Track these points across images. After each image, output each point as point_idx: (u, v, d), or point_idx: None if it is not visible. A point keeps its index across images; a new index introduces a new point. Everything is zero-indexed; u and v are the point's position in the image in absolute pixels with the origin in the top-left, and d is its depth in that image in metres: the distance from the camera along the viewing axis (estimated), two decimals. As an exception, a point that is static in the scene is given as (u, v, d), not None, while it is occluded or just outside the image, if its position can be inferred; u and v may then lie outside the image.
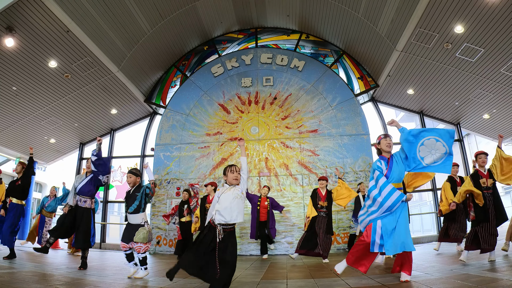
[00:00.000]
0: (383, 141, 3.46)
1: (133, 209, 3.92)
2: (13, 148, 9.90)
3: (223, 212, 3.02)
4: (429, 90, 8.80)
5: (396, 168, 3.35)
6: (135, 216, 3.93)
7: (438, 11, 6.36)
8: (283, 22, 9.86)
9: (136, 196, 3.98)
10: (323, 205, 5.64)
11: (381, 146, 3.48)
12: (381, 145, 3.47)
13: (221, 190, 3.20)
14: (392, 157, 3.42)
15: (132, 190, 4.04)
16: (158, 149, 9.08)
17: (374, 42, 8.34)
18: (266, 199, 7.00)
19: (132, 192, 4.03)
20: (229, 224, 3.00)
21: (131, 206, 3.93)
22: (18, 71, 7.19)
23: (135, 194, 4.00)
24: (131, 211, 3.91)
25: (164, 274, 4.16)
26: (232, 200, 3.05)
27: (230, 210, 3.02)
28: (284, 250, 7.84)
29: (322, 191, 5.77)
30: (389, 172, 3.34)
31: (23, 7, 5.90)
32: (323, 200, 5.66)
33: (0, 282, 3.04)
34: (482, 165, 4.41)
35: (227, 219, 3.00)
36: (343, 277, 3.59)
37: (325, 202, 5.64)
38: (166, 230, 8.33)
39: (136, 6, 7.52)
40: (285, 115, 9.00)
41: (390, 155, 3.45)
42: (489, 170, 4.37)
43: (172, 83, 9.98)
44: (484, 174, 4.35)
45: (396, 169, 3.34)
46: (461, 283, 2.67)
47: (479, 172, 4.39)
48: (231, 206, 3.03)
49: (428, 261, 4.44)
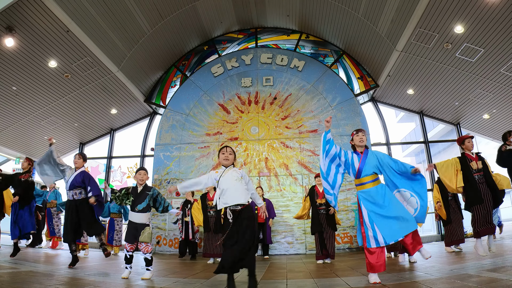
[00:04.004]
0: (356, 137, 3.50)
1: (142, 207, 3.87)
2: (13, 148, 9.89)
3: (225, 195, 3.03)
4: (429, 90, 8.81)
5: (370, 161, 3.37)
6: (142, 215, 3.88)
7: (438, 11, 6.36)
8: (283, 22, 9.86)
9: (147, 195, 3.93)
10: (321, 202, 5.58)
11: (354, 142, 3.52)
12: (354, 141, 3.51)
13: (219, 173, 3.20)
14: (366, 151, 3.45)
15: (141, 189, 3.99)
16: (158, 149, 9.08)
17: (374, 42, 8.34)
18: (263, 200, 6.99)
19: (141, 191, 3.97)
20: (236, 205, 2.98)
21: (140, 204, 3.88)
22: (18, 71, 7.19)
23: (145, 193, 3.94)
24: (140, 209, 3.86)
25: (164, 274, 4.18)
26: (231, 182, 3.07)
27: (231, 192, 3.03)
28: (284, 250, 7.84)
29: (319, 188, 5.69)
30: (362, 165, 3.36)
31: (23, 7, 5.90)
32: (321, 197, 5.59)
33: (0, 282, 3.04)
34: (471, 149, 4.30)
35: (229, 201, 3.00)
36: (343, 277, 3.59)
37: (323, 199, 5.56)
38: (166, 230, 8.33)
39: (136, 6, 7.52)
40: (285, 115, 9.00)
41: (364, 149, 3.47)
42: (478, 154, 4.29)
43: (172, 83, 9.99)
44: (473, 157, 4.23)
45: (370, 161, 3.36)
46: (461, 283, 2.67)
47: (467, 156, 4.26)
48: (231, 188, 3.04)
49: (428, 261, 4.44)
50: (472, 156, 4.24)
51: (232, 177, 3.11)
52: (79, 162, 4.57)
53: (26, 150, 10.08)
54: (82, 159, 4.61)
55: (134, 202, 3.90)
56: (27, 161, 5.60)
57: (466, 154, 4.28)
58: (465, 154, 4.29)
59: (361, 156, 3.41)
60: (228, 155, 3.22)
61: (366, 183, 3.32)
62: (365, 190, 3.31)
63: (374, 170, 3.35)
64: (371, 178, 3.33)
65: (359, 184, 3.38)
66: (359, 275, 3.68)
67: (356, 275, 3.72)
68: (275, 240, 7.89)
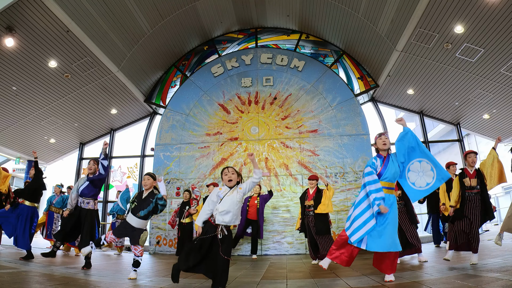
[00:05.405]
0: (379, 140, 3.49)
1: (144, 214, 3.78)
2: (13, 148, 9.90)
3: (225, 215, 3.14)
4: (429, 90, 8.81)
5: (392, 167, 3.34)
6: (143, 222, 3.82)
7: (438, 11, 6.36)
8: (283, 22, 9.86)
9: (151, 201, 3.82)
10: (309, 204, 5.53)
11: (377, 145, 3.50)
12: (377, 144, 3.50)
13: (223, 191, 3.27)
14: (389, 156, 3.42)
15: (146, 195, 3.88)
16: (158, 149, 9.08)
17: (374, 42, 8.34)
18: (257, 197, 6.99)
19: (146, 197, 3.86)
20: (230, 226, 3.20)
21: (142, 210, 3.78)
22: (18, 71, 7.19)
23: (149, 199, 3.83)
24: (142, 215, 3.77)
25: (164, 274, 4.17)
26: (234, 205, 3.18)
27: (231, 215, 3.14)
28: (284, 250, 7.84)
29: (310, 190, 5.67)
30: (384, 169, 3.33)
31: (23, 7, 5.90)
32: (310, 199, 5.55)
33: (0, 282, 3.04)
34: (472, 165, 4.35)
35: (227, 221, 3.14)
36: (343, 277, 3.59)
37: (311, 201, 5.52)
38: (166, 230, 8.33)
39: (136, 6, 7.52)
40: (285, 115, 9.00)
41: (387, 153, 3.45)
42: (478, 170, 4.33)
43: (172, 83, 9.99)
44: (470, 173, 4.29)
45: (391, 167, 3.33)
46: (461, 283, 2.67)
47: (465, 171, 4.34)
48: (233, 211, 3.15)
49: (428, 261, 4.44)
50: (469, 173, 4.33)
51: (235, 200, 3.19)
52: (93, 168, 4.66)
53: (26, 150, 10.08)
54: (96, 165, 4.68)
55: (137, 207, 3.81)
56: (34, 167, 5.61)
57: (465, 170, 4.38)
58: (464, 170, 4.38)
59: (384, 160, 3.40)
60: (231, 175, 3.26)
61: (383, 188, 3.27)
62: None
63: (395, 176, 3.35)
64: (388, 185, 3.32)
65: None
66: (359, 275, 3.69)
67: (356, 275, 3.72)
68: (275, 240, 7.89)
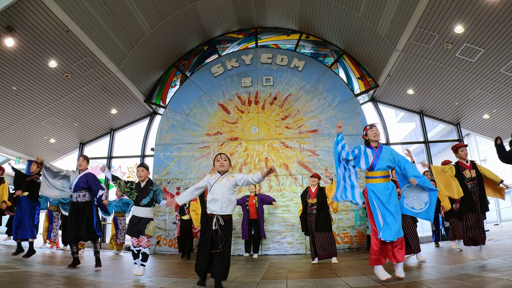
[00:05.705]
0: (370, 132, 3.48)
1: (147, 201, 3.96)
2: (13, 148, 9.89)
3: (214, 204, 3.12)
4: (429, 90, 8.81)
5: (385, 155, 3.35)
6: (147, 209, 3.96)
7: (438, 11, 6.36)
8: (283, 22, 9.86)
9: (150, 190, 4.02)
10: (312, 202, 5.52)
11: (368, 137, 3.50)
12: (368, 136, 3.49)
13: (214, 178, 3.26)
14: (381, 147, 3.43)
15: (144, 184, 4.07)
16: (158, 149, 9.08)
17: (374, 42, 8.34)
18: (254, 196, 6.99)
19: (144, 186, 4.06)
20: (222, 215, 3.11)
21: (144, 198, 3.96)
22: (18, 71, 7.19)
23: (148, 188, 4.03)
24: (145, 203, 3.95)
25: (164, 274, 4.17)
26: (223, 192, 3.15)
27: (220, 203, 3.11)
28: (284, 250, 7.84)
29: (312, 188, 5.65)
30: (376, 159, 3.35)
31: (23, 7, 5.90)
32: (313, 197, 5.54)
33: (0, 282, 3.04)
34: (465, 157, 4.34)
35: (216, 210, 3.11)
36: (343, 277, 3.59)
37: (314, 199, 5.50)
38: (166, 230, 8.33)
39: (136, 6, 7.52)
40: (285, 115, 9.00)
41: (378, 144, 3.46)
42: (472, 162, 4.32)
43: (172, 83, 9.99)
44: (466, 165, 4.27)
45: (385, 156, 3.35)
46: (461, 283, 2.67)
47: (461, 164, 4.30)
48: (221, 199, 3.12)
49: (428, 261, 4.44)
50: (465, 165, 4.29)
51: (225, 187, 3.17)
52: (83, 164, 4.62)
53: (26, 150, 10.08)
54: (86, 161, 4.68)
55: (139, 197, 3.99)
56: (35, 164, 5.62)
57: (460, 163, 4.34)
58: (459, 163, 4.34)
59: (376, 150, 3.40)
60: (223, 162, 3.29)
61: (378, 177, 3.33)
62: (375, 184, 3.33)
63: (388, 164, 3.35)
64: (383, 173, 3.33)
65: (370, 177, 3.39)
66: (359, 275, 3.68)
67: (356, 275, 3.71)
68: (275, 240, 7.89)
